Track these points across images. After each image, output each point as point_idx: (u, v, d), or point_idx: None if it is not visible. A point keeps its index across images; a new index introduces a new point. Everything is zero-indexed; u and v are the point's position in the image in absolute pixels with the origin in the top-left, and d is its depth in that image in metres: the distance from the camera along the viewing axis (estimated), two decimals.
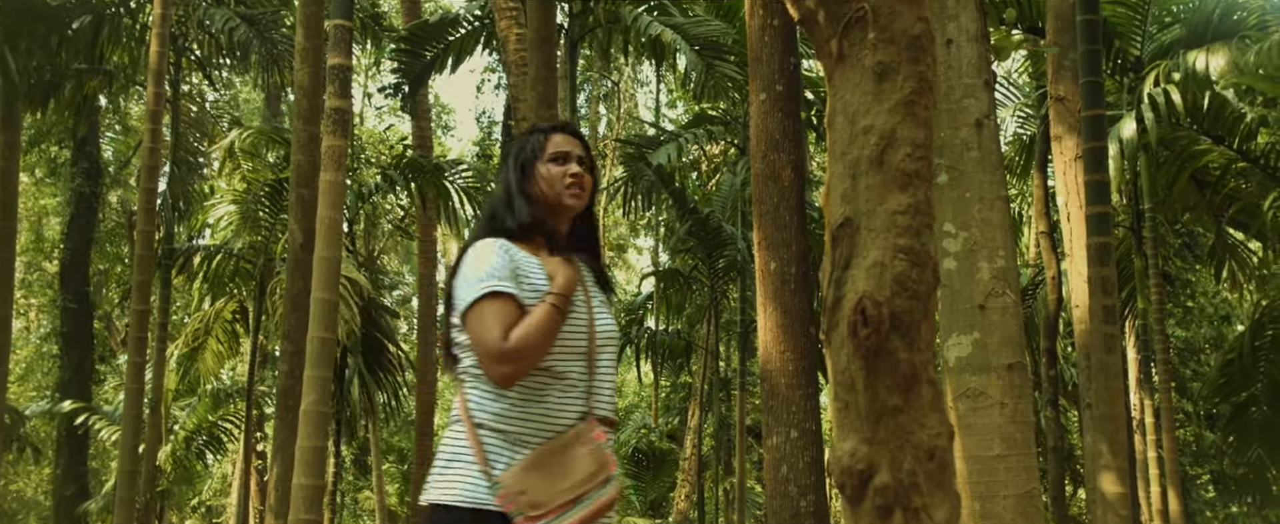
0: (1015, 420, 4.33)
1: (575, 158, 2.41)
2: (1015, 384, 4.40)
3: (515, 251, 2.39)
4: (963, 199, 4.59)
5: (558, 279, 2.37)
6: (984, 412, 4.36)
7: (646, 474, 19.95)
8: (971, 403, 4.41)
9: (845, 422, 1.42)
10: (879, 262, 1.40)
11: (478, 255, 2.41)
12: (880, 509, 1.36)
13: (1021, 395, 4.38)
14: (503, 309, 2.31)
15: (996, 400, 4.39)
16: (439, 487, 2.40)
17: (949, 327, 4.56)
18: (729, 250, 14.85)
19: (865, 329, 1.39)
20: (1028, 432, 4.36)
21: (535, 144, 2.48)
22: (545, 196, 2.40)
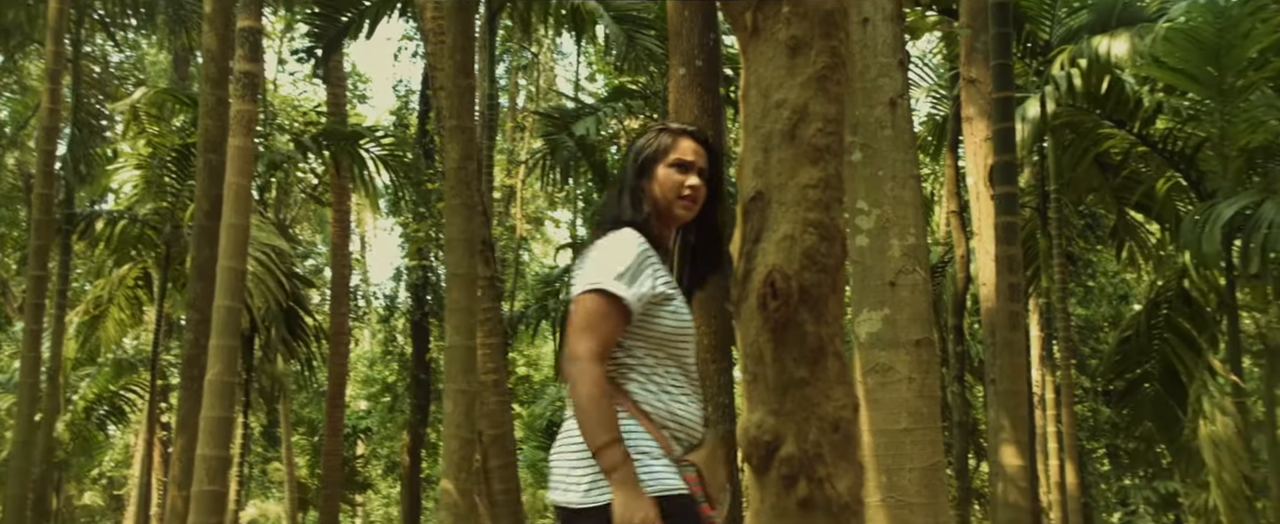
0: (922, 395, 4.42)
1: (696, 169, 2.24)
2: (923, 360, 4.48)
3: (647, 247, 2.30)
4: (876, 177, 4.65)
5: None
6: (892, 386, 4.43)
7: None
8: (880, 378, 4.48)
9: (754, 394, 1.43)
10: (789, 235, 1.41)
11: (603, 249, 2.36)
12: (785, 479, 1.38)
13: (929, 371, 4.47)
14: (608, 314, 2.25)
15: (905, 375, 4.46)
16: (570, 487, 2.34)
17: (860, 302, 4.63)
18: None
19: (774, 302, 1.40)
20: (934, 406, 4.45)
21: (662, 144, 2.37)
22: (656, 200, 2.28)
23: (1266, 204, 7.61)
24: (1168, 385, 9.94)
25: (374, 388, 22.40)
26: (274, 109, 17.24)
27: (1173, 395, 9.98)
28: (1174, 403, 9.94)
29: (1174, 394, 9.96)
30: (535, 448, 19.91)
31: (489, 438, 7.89)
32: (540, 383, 23.08)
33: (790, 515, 1.35)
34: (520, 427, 20.28)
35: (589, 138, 14.30)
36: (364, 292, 25.58)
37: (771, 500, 1.38)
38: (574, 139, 14.07)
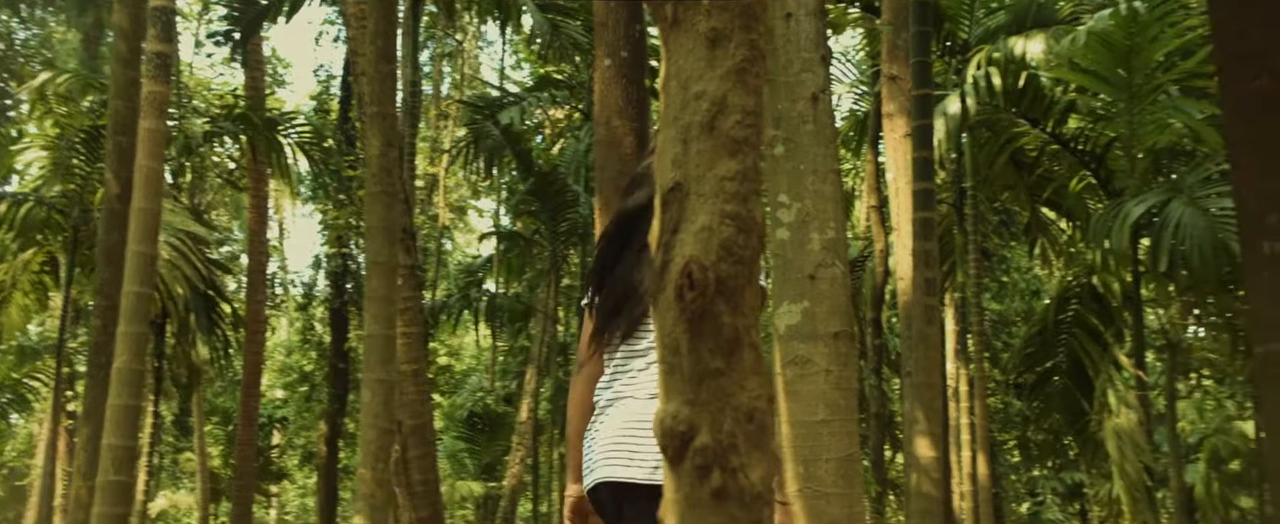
0: (840, 387, 4.47)
1: None
2: (841, 352, 4.53)
3: None
4: (797, 171, 4.70)
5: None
6: (810, 378, 4.48)
7: (481, 438, 19.88)
8: (799, 369, 4.53)
9: (669, 384, 1.43)
10: (707, 226, 1.41)
11: None
12: (699, 469, 1.39)
13: (847, 363, 4.53)
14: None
15: (823, 367, 4.51)
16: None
17: (780, 295, 4.67)
18: (572, 213, 14.85)
19: (691, 293, 1.41)
20: (851, 398, 4.51)
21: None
22: None
23: (1173, 203, 7.87)
24: (1075, 379, 10.24)
25: (291, 377, 22.06)
26: (189, 91, 16.83)
27: (1080, 388, 10.28)
28: (1081, 396, 10.24)
29: (1081, 387, 10.26)
30: (455, 438, 19.79)
31: (408, 428, 7.81)
32: (461, 373, 22.94)
33: (703, 505, 1.36)
34: (440, 417, 20.13)
35: (514, 127, 14.22)
36: (282, 279, 25.14)
37: (685, 491, 1.38)
38: (499, 128, 14.00)
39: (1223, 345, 13.34)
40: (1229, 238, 7.43)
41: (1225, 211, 7.61)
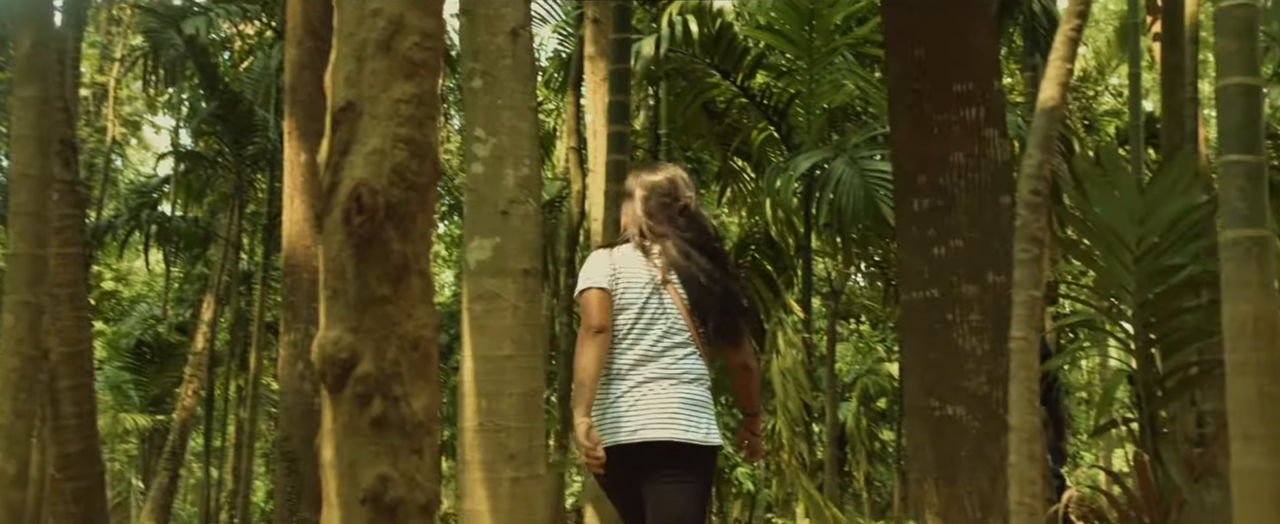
0: (526, 323, 4.49)
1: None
2: (529, 289, 4.56)
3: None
4: (494, 106, 4.66)
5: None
6: (498, 314, 4.47)
7: (150, 368, 18.58)
8: (487, 305, 4.51)
9: (332, 310, 1.39)
10: (379, 150, 1.37)
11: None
12: (360, 397, 1.35)
13: (534, 300, 4.56)
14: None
15: (511, 303, 4.51)
16: (711, 429, 3.59)
17: (472, 230, 4.62)
18: (259, 137, 14.05)
19: (359, 217, 1.36)
20: (538, 334, 4.55)
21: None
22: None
23: (837, 160, 8.50)
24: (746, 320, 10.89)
25: None
26: None
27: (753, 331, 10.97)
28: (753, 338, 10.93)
29: (754, 330, 10.95)
30: (120, 368, 18.38)
31: (60, 356, 7.15)
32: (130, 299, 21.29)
33: (363, 434, 1.33)
34: (103, 346, 18.61)
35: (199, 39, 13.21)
36: None
37: (344, 419, 1.35)
38: (182, 38, 12.96)
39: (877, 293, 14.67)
40: (879, 196, 8.13)
41: (880, 171, 8.31)
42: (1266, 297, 2.89)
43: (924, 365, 5.18)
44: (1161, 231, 4.49)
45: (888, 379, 19.35)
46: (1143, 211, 4.49)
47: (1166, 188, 4.47)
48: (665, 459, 3.50)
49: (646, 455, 3.52)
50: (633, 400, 3.56)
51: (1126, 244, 4.57)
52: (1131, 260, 4.57)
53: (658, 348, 3.61)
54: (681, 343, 3.62)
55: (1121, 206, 4.61)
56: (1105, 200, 4.67)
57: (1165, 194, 4.45)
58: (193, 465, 23.76)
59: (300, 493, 8.28)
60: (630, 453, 3.54)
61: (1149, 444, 4.50)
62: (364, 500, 1.36)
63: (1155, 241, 4.49)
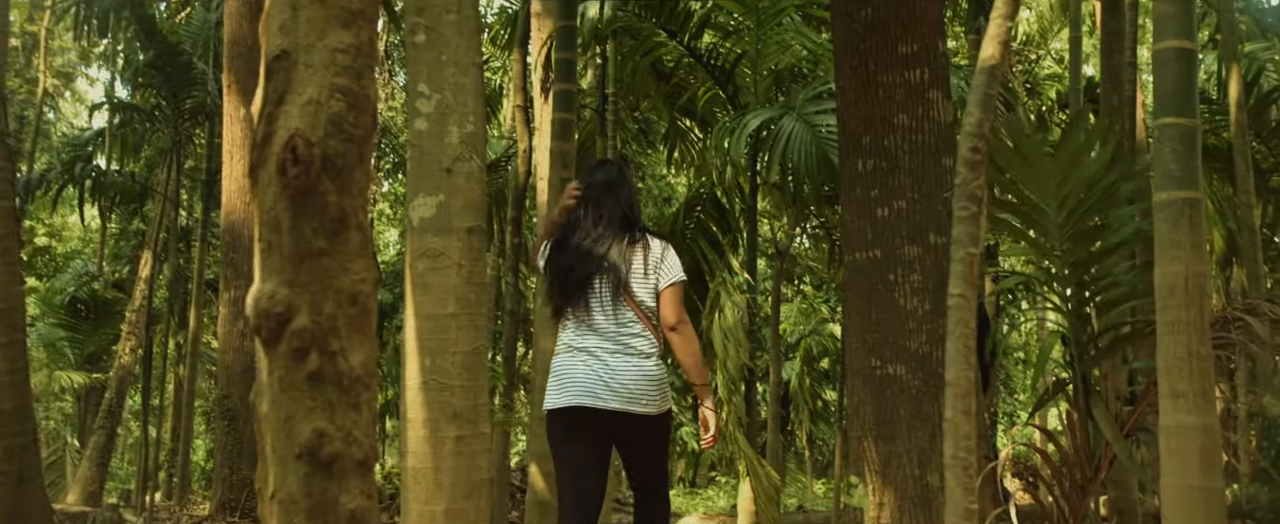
0: (470, 281, 4.47)
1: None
2: (473, 247, 4.53)
3: None
4: (439, 61, 4.59)
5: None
6: (442, 271, 4.44)
7: (86, 325, 18.25)
8: (431, 263, 4.47)
9: (267, 263, 1.36)
10: (315, 100, 1.34)
11: (674, 254, 4.26)
12: (296, 352, 1.33)
13: (478, 258, 4.53)
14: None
15: (455, 261, 4.48)
16: (660, 402, 4.10)
17: (416, 187, 4.57)
18: (198, 91, 13.76)
19: (295, 168, 1.33)
20: (481, 292, 4.53)
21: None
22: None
23: (786, 118, 8.50)
24: (694, 282, 10.95)
25: None
26: None
27: (697, 291, 11.02)
28: (697, 298, 10.99)
29: (698, 290, 11.00)
30: (53, 325, 18.01)
31: None
32: (64, 255, 20.84)
33: (299, 388, 1.31)
34: (36, 302, 18.22)
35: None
36: None
37: (280, 373, 1.33)
38: None
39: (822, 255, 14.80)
40: (832, 150, 8.13)
41: (831, 126, 8.32)
42: (1197, 257, 2.96)
43: (866, 325, 5.25)
44: (1078, 197, 4.56)
45: (831, 340, 19.59)
46: (1058, 176, 4.55)
47: (1073, 152, 4.53)
48: (621, 426, 4.24)
49: (601, 418, 4.21)
50: (595, 370, 4.19)
51: (1046, 211, 4.64)
52: (1055, 226, 4.64)
53: (605, 320, 4.30)
54: (631, 319, 4.30)
55: (1035, 175, 4.68)
56: (1019, 169, 4.74)
57: (1073, 158, 4.51)
58: (130, 424, 23.44)
59: (241, 451, 8.21)
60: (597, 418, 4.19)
61: (1082, 403, 4.61)
62: (300, 455, 1.35)
63: (1072, 207, 4.56)
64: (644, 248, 4.18)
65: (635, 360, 4.07)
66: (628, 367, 4.05)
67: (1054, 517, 4.66)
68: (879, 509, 5.00)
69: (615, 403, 4.03)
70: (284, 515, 1.35)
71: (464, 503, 4.17)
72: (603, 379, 4.05)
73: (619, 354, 4.07)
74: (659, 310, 4.09)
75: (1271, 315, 4.17)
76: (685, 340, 4.06)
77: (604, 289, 4.13)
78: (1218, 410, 4.22)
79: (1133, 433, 4.66)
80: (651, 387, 4.07)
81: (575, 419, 4.13)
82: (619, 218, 4.22)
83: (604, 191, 4.28)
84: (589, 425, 4.11)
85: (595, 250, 4.16)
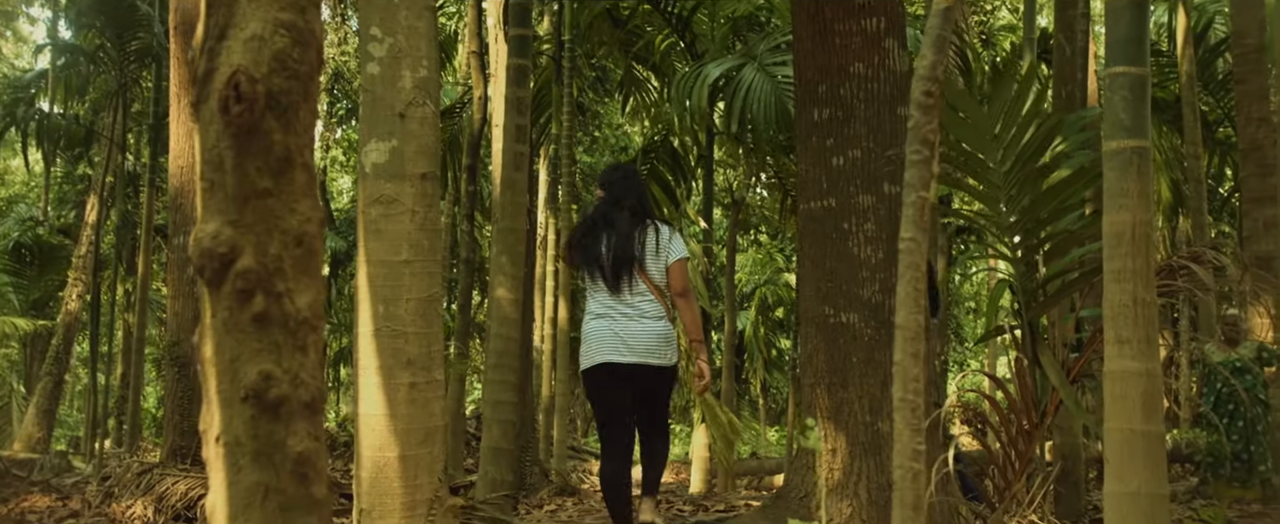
0: (424, 228, 4.43)
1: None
2: (427, 193, 4.48)
3: None
4: (390, 4, 4.51)
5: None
6: (395, 218, 4.39)
7: (31, 271, 17.92)
8: (384, 209, 4.42)
9: (210, 203, 1.33)
10: (258, 35, 1.30)
11: (680, 236, 5.07)
12: (241, 293, 1.31)
13: (432, 204, 4.49)
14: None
15: (408, 208, 4.43)
16: (670, 355, 4.93)
17: (368, 132, 4.51)
18: (144, 32, 13.43)
19: (238, 106, 1.30)
20: (435, 239, 4.49)
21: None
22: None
23: (746, 68, 8.46)
24: None
25: None
26: None
27: None
28: None
29: None
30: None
31: None
32: (7, 199, 20.39)
33: (244, 330, 1.29)
34: None
35: None
36: None
37: (224, 315, 1.31)
38: None
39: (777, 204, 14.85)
40: (790, 102, 8.11)
41: (790, 77, 8.31)
42: (1144, 206, 2.99)
43: (820, 274, 5.28)
44: (1019, 144, 4.59)
45: (786, 289, 19.74)
46: (995, 126, 4.57)
47: (1007, 101, 4.55)
48: (647, 376, 5.02)
49: (629, 371, 4.97)
50: (618, 330, 4.95)
51: (987, 164, 4.67)
52: (999, 176, 4.68)
53: (627, 292, 5.03)
54: (643, 291, 5.06)
55: (974, 127, 4.70)
56: (958, 125, 4.76)
57: (1009, 106, 4.53)
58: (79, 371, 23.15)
59: (192, 398, 8.14)
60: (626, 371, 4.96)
61: (1029, 349, 4.68)
62: (245, 398, 1.33)
63: (1017, 154, 4.59)
64: (655, 232, 4.97)
65: (648, 322, 4.87)
66: (641, 328, 4.86)
67: (1000, 462, 4.76)
68: (831, 455, 5.07)
69: (633, 357, 4.85)
70: (229, 458, 1.33)
71: (418, 449, 4.17)
72: (623, 339, 4.86)
73: (634, 319, 4.88)
74: (668, 282, 4.94)
75: (1215, 263, 4.25)
76: (689, 305, 4.96)
77: (622, 267, 4.91)
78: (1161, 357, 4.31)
79: (1078, 379, 4.75)
80: (661, 342, 4.88)
81: (604, 374, 4.91)
82: (632, 208, 5.03)
83: (620, 188, 5.09)
84: (615, 377, 4.89)
85: (615, 236, 4.96)
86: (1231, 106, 11.73)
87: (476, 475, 7.61)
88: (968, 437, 6.32)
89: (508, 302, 7.48)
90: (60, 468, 12.83)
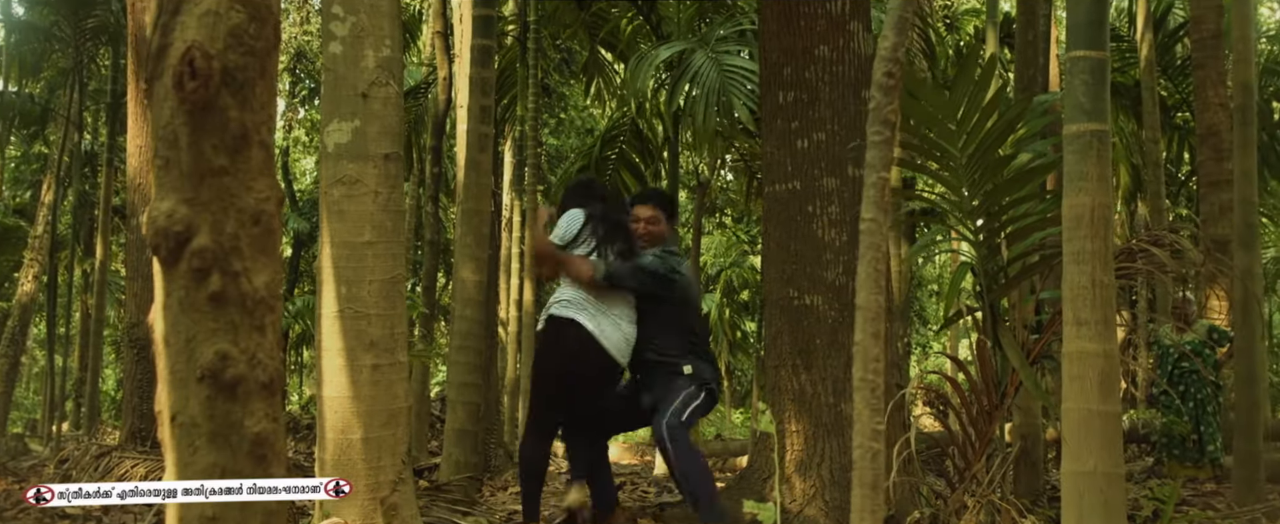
0: (387, 209, 4.41)
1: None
2: (390, 174, 4.45)
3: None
4: None
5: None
6: (358, 199, 4.37)
7: None
8: (347, 190, 4.40)
9: (165, 180, 1.31)
10: (213, 10, 1.28)
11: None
12: (197, 272, 1.29)
13: (395, 185, 4.46)
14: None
15: (371, 188, 4.41)
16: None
17: (331, 112, 4.47)
18: (101, 9, 13.21)
19: (192, 82, 1.28)
20: (398, 220, 4.47)
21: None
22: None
23: (697, 53, 8.43)
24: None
25: None
26: None
27: None
28: None
29: None
30: None
31: None
32: None
33: (200, 310, 1.27)
34: None
35: None
36: None
37: (179, 295, 1.29)
38: None
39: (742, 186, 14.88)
40: (734, 92, 8.11)
41: (739, 67, 8.29)
42: (1103, 189, 3.03)
43: (784, 256, 5.30)
44: (981, 130, 4.62)
45: (751, 272, 19.81)
46: (956, 112, 4.60)
47: (968, 89, 4.57)
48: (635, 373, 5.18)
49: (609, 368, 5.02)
50: (603, 326, 4.97)
51: (950, 151, 4.69)
52: (960, 163, 4.70)
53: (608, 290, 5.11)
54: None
55: (935, 114, 4.72)
56: (918, 111, 4.78)
57: (970, 92, 4.56)
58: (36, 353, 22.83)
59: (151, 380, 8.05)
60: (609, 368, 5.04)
61: (990, 331, 4.73)
62: (202, 378, 1.31)
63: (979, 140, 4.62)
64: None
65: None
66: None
67: (961, 442, 4.81)
68: (795, 436, 5.10)
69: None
70: (185, 439, 1.32)
71: (381, 431, 4.16)
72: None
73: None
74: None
75: (1174, 246, 4.30)
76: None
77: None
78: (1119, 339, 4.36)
79: (1038, 360, 4.80)
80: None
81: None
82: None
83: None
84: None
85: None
86: (1190, 91, 11.88)
87: (441, 457, 7.59)
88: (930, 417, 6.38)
89: (472, 283, 7.45)
90: (16, 451, 12.67)
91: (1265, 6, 20.79)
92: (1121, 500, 3.09)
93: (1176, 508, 6.10)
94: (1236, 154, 6.42)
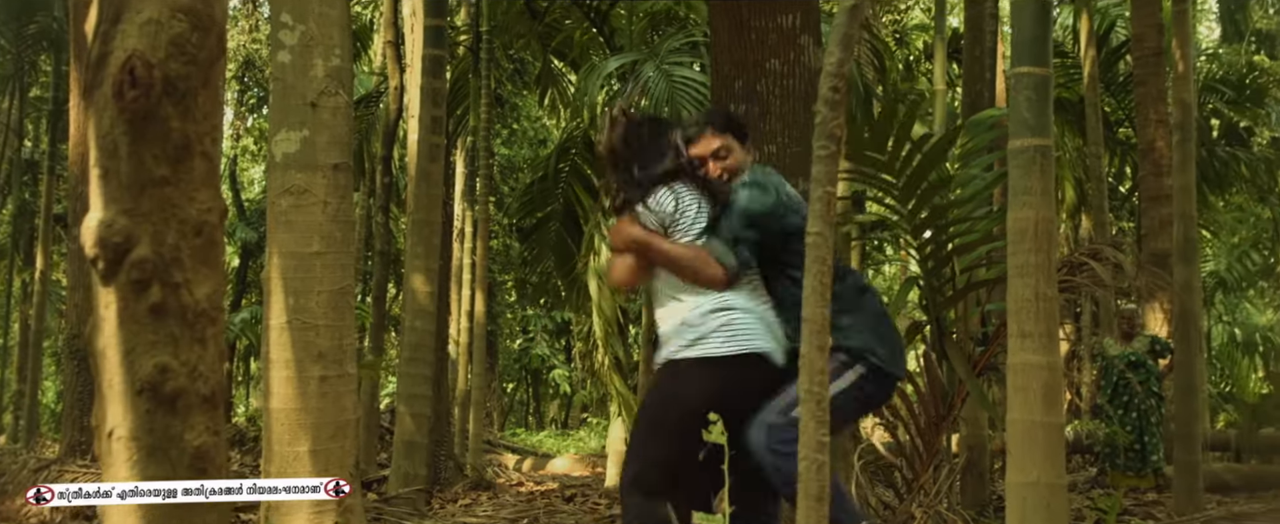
0: (336, 219, 4.36)
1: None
2: (339, 184, 4.41)
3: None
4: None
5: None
6: (306, 209, 4.31)
7: None
8: (295, 200, 4.34)
9: (104, 190, 1.29)
10: (155, 19, 1.26)
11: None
12: (137, 284, 1.27)
13: (344, 195, 4.41)
14: None
15: (320, 199, 4.36)
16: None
17: (279, 122, 4.42)
18: (42, 15, 12.97)
19: (132, 91, 1.26)
20: (348, 231, 4.42)
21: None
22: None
23: (646, 64, 8.47)
24: (567, 225, 10.94)
25: None
26: None
27: (571, 234, 11.01)
28: (571, 241, 10.98)
29: (572, 233, 10.99)
30: None
31: None
32: None
33: (140, 322, 1.25)
34: None
35: None
36: None
37: (119, 307, 1.27)
38: None
39: None
40: (683, 104, 8.16)
41: (689, 79, 8.33)
42: (1046, 203, 3.08)
43: None
44: (913, 163, 4.70)
45: None
46: (883, 151, 4.68)
47: (888, 134, 4.66)
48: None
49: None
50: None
51: (889, 178, 4.77)
52: (897, 188, 4.78)
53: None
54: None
55: (867, 142, 4.80)
56: (853, 139, 4.85)
57: (888, 136, 4.64)
58: None
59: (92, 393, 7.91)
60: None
61: (936, 344, 4.78)
62: (141, 391, 1.29)
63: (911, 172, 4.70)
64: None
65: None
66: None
67: (908, 453, 4.85)
68: None
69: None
70: (125, 454, 1.29)
71: (329, 444, 4.10)
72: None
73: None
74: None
75: (1114, 260, 4.38)
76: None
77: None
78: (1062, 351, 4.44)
79: (984, 372, 4.87)
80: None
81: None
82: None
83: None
84: None
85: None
86: (1132, 108, 12.12)
87: (389, 470, 7.51)
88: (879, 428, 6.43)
89: (423, 294, 7.41)
90: None
91: (1203, 25, 21.30)
92: (1065, 510, 3.14)
93: (1119, 517, 6.20)
94: (1176, 170, 6.57)
